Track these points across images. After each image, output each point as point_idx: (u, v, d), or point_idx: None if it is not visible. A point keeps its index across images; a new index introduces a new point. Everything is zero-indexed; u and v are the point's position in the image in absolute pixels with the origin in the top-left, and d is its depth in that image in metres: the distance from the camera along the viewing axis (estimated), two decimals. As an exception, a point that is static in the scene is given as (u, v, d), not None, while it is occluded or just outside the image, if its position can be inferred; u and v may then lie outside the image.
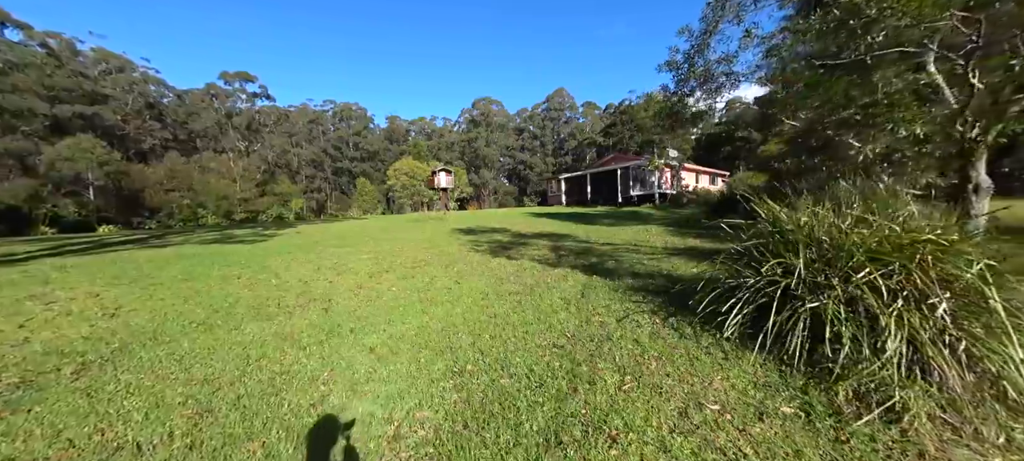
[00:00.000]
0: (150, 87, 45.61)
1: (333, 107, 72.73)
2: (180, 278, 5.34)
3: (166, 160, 40.41)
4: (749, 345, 2.16)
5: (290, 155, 56.73)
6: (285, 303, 4.17)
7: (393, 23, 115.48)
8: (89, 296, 4.39)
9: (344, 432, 1.82)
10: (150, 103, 45.11)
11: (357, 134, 69.99)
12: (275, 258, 7.03)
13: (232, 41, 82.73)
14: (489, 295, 4.15)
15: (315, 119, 69.47)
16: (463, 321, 3.32)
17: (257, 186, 41.79)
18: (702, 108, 5.13)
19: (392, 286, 4.78)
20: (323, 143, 66.26)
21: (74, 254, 7.86)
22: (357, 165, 66.64)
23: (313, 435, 1.81)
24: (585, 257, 6.03)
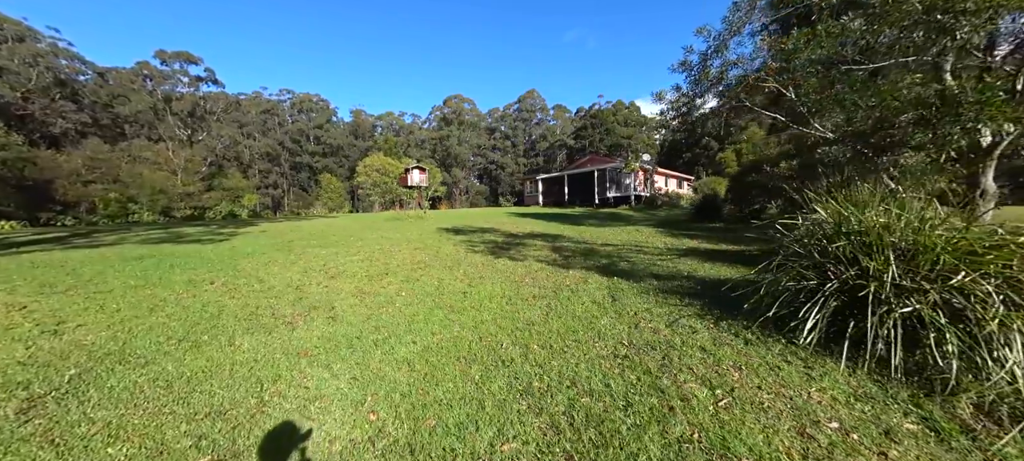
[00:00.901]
0: (61, 61, 39.41)
1: (291, 97, 67.79)
2: (134, 284, 4.50)
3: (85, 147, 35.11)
4: (826, 352, 2.13)
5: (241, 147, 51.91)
6: (280, 311, 3.62)
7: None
8: (11, 308, 3.53)
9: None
10: (61, 80, 38.96)
11: (319, 127, 65.77)
12: (248, 260, 6.22)
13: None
14: (512, 299, 3.90)
15: (270, 109, 64.28)
16: (499, 329, 3.05)
17: (203, 180, 37.72)
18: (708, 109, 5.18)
19: (399, 290, 4.37)
20: (280, 135, 61.49)
21: (-23, 256, 6.42)
22: (318, 160, 62.59)
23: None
24: (592, 258, 5.96)
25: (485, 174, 69.44)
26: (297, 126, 64.58)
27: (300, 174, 62.81)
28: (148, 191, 31.29)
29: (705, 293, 3.58)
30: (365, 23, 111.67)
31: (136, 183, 31.42)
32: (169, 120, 41.66)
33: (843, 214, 2.29)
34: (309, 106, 68.34)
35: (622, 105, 61.95)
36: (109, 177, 31.99)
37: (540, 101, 74.73)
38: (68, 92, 39.96)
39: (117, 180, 31.83)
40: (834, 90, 4.09)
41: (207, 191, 36.60)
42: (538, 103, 74.69)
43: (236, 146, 50.49)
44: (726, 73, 4.74)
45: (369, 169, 27.56)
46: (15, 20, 35.91)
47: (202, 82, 44.20)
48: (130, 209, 27.92)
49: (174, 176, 35.80)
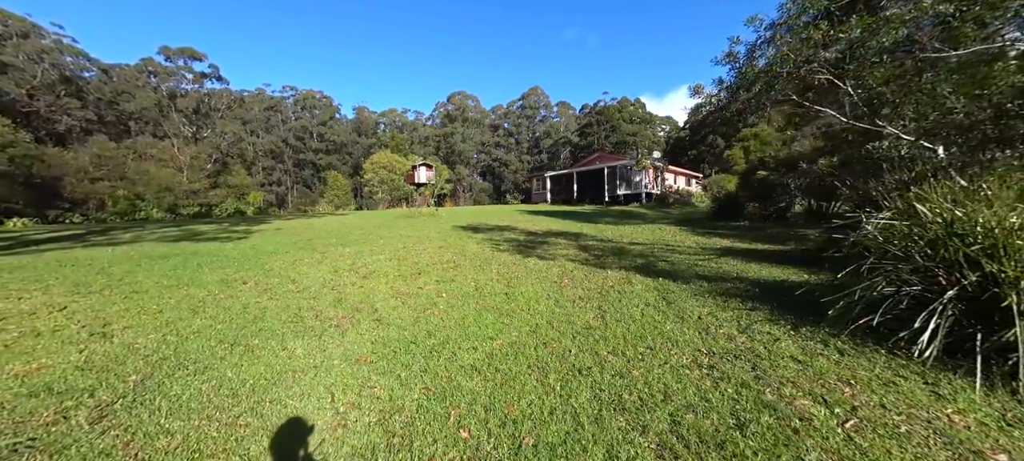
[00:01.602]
0: (66, 58, 39.34)
1: (294, 94, 67.64)
2: (168, 284, 4.40)
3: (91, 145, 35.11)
4: (944, 367, 1.99)
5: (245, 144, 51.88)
6: (324, 313, 3.51)
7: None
8: (53, 309, 3.43)
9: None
10: (66, 77, 38.90)
11: (322, 124, 65.70)
12: (273, 259, 6.12)
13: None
14: (559, 301, 3.78)
15: (273, 106, 64.17)
16: (559, 334, 2.93)
17: (208, 177, 37.69)
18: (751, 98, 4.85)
19: (437, 291, 4.25)
20: (283, 132, 61.40)
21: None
22: (322, 157, 62.56)
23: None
24: (625, 258, 5.83)
25: (488, 171, 69.21)
26: (300, 123, 64.50)
27: (303, 171, 62.78)
28: (155, 188, 31.32)
29: (766, 296, 3.45)
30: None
31: (143, 180, 31.45)
32: (174, 117, 41.62)
33: (958, 213, 2.12)
34: (312, 103, 68.23)
35: (627, 102, 61.52)
36: (116, 174, 32.03)
37: (544, 98, 74.28)
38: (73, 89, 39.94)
39: (124, 177, 31.87)
40: (923, 79, 3.85)
41: (212, 188, 36.61)
42: (542, 100, 74.25)
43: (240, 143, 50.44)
44: (776, 66, 4.53)
45: (376, 166, 27.43)
46: (19, 16, 35.85)
47: (206, 79, 44.11)
48: (137, 206, 27.93)
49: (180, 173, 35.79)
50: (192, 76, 42.98)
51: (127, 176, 31.74)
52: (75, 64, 41.08)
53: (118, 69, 42.93)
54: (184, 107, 41.88)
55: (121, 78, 42.89)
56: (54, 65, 38.76)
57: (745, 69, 4.93)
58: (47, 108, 38.29)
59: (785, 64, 4.43)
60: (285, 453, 1.67)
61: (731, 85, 5.23)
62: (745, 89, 4.95)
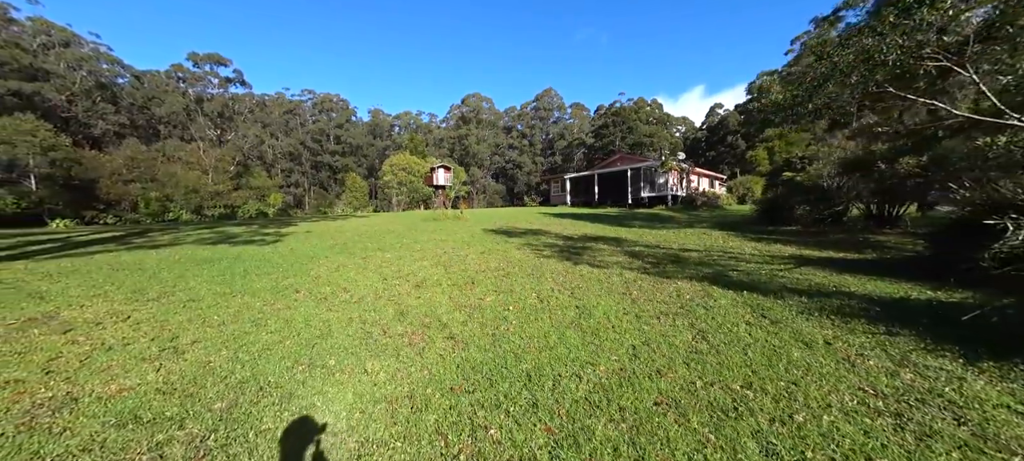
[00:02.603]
0: (102, 65, 41.08)
1: (312, 98, 69.14)
2: (221, 292, 4.26)
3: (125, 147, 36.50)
4: None
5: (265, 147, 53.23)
6: (391, 328, 3.28)
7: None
8: (116, 319, 3.30)
9: None
10: (102, 83, 40.61)
11: (339, 127, 66.90)
12: (315, 264, 5.98)
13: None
14: (644, 318, 3.44)
15: (292, 109, 65.72)
16: (667, 360, 2.59)
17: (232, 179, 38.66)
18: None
19: (501, 304, 3.97)
20: (301, 135, 62.79)
21: (45, 256, 6.40)
22: (338, 159, 63.69)
23: None
24: (687, 266, 5.44)
25: (501, 173, 69.11)
26: (318, 126, 65.84)
27: (320, 173, 64.01)
28: (182, 190, 32.31)
29: (893, 317, 3.02)
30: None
31: (172, 182, 32.47)
32: (200, 120, 42.93)
33: None
34: (330, 106, 69.57)
35: (644, 102, 60.50)
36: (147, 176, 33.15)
37: (557, 99, 73.79)
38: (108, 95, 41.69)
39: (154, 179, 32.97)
40: None
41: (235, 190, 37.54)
42: (555, 101, 73.77)
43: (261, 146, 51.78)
44: (878, 53, 3.98)
45: (395, 168, 27.55)
46: (61, 26, 37.63)
47: (231, 83, 45.36)
48: (168, 208, 28.80)
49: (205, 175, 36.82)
50: (218, 81, 44.27)
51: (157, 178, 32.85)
52: (110, 71, 42.88)
53: (149, 75, 44.63)
54: (210, 111, 43.16)
55: (152, 84, 44.56)
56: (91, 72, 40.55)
57: (835, 57, 4.42)
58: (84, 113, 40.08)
59: (891, 51, 3.95)
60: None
61: (811, 78, 4.74)
62: (836, 82, 4.46)
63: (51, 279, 4.67)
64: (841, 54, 4.33)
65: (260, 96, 56.49)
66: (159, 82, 44.38)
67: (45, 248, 7.58)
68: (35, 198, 26.55)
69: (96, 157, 32.71)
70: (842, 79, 4.36)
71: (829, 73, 4.46)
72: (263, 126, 54.81)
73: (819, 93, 4.72)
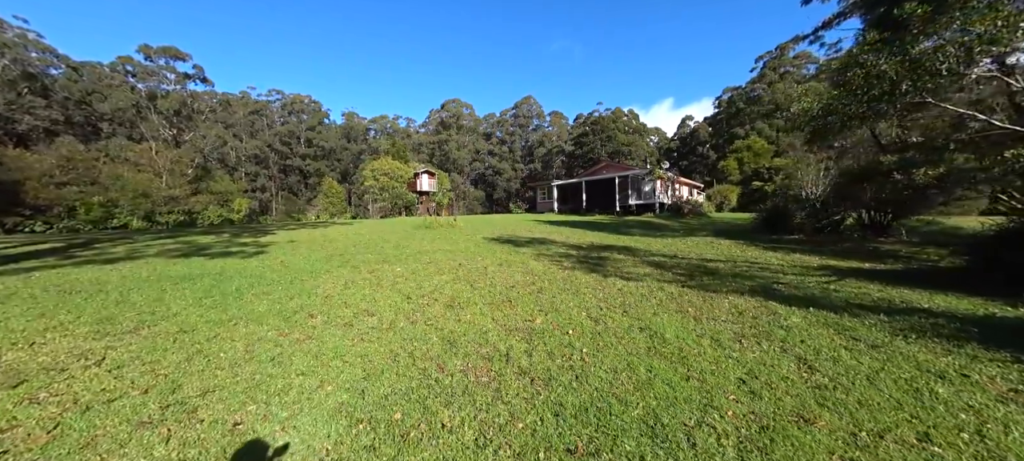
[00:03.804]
0: (31, 53, 36.69)
1: (281, 98, 65.59)
2: (216, 319, 3.53)
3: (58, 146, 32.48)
4: None
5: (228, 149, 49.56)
6: (447, 363, 2.76)
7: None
8: (86, 361, 2.55)
9: None
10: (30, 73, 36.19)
11: (310, 129, 63.80)
12: (318, 281, 5.26)
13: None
14: (723, 343, 3.12)
15: (258, 110, 61.93)
16: (795, 400, 2.24)
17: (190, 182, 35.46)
18: None
19: (560, 328, 3.54)
20: (269, 137, 59.16)
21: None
22: (310, 163, 60.57)
23: None
24: (725, 279, 5.26)
25: (481, 179, 68.57)
26: (287, 128, 62.41)
27: (289, 177, 60.52)
28: (130, 194, 29.12)
29: (1002, 340, 2.85)
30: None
31: (117, 186, 29.20)
32: (153, 119, 39.18)
33: None
34: (300, 107, 66.28)
35: (621, 112, 62.48)
36: (86, 179, 29.63)
37: (537, 107, 74.64)
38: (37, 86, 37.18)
39: (95, 182, 29.52)
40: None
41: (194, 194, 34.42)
42: (535, 109, 74.57)
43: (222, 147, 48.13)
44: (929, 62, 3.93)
45: (377, 173, 26.35)
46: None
47: (190, 80, 41.90)
48: (113, 214, 25.78)
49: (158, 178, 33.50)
50: (174, 77, 40.72)
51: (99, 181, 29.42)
52: (41, 60, 38.37)
53: (90, 67, 40.26)
54: (165, 109, 39.52)
55: (93, 76, 40.20)
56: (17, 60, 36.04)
57: (883, 65, 4.40)
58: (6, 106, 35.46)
59: (945, 60, 3.97)
60: None
61: (855, 85, 4.72)
62: (885, 90, 4.42)
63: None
64: (889, 62, 4.35)
65: (223, 95, 52.63)
66: (101, 75, 40.09)
67: (-35, 264, 6.24)
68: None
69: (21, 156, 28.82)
70: (891, 87, 4.38)
71: (871, 82, 4.49)
72: (226, 126, 51.05)
73: (859, 101, 4.75)
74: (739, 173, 41.84)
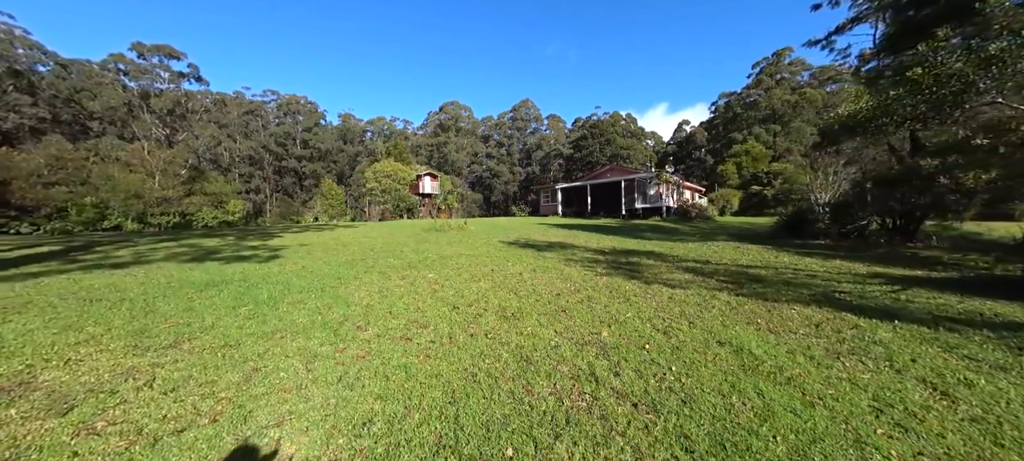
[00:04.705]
0: (17, 49, 35.65)
1: (276, 98, 64.69)
2: (257, 331, 3.24)
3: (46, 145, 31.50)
4: None
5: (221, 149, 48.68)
6: (536, 387, 2.51)
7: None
8: (134, 381, 2.26)
9: None
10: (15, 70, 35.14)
11: (307, 130, 63.03)
12: (347, 286, 4.99)
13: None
14: (819, 360, 2.90)
15: (253, 110, 60.96)
16: (972, 442, 2.05)
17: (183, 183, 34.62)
18: None
19: (635, 343, 3.31)
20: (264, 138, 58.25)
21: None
22: (306, 165, 59.78)
23: None
24: (778, 288, 5.08)
25: (478, 182, 68.30)
26: (283, 129, 61.56)
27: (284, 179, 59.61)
28: (122, 195, 28.31)
29: None
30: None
31: (108, 186, 28.36)
32: (145, 118, 38.27)
33: None
34: (296, 108, 65.46)
35: (619, 116, 62.89)
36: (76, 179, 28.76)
37: (534, 110, 74.76)
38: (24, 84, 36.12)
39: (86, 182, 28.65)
40: None
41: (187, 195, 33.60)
42: (532, 112, 74.67)
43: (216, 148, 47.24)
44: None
45: (379, 175, 25.95)
46: (-35, 3, 32.18)
47: (184, 79, 41.07)
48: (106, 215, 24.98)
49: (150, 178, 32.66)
50: (168, 75, 39.86)
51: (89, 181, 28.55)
52: (28, 57, 37.32)
53: (79, 64, 39.20)
54: (158, 108, 38.63)
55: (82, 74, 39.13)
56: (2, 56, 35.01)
57: (948, 65, 4.27)
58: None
59: (1018, 59, 3.87)
60: None
61: (921, 83, 4.59)
62: (954, 88, 4.27)
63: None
64: (948, 61, 4.26)
65: (218, 94, 51.71)
66: (91, 73, 39.05)
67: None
68: (-78, 203, 21.94)
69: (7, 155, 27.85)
70: (963, 86, 4.27)
71: (942, 80, 4.37)
72: (220, 126, 50.13)
73: (925, 100, 4.63)
74: (738, 177, 42.23)
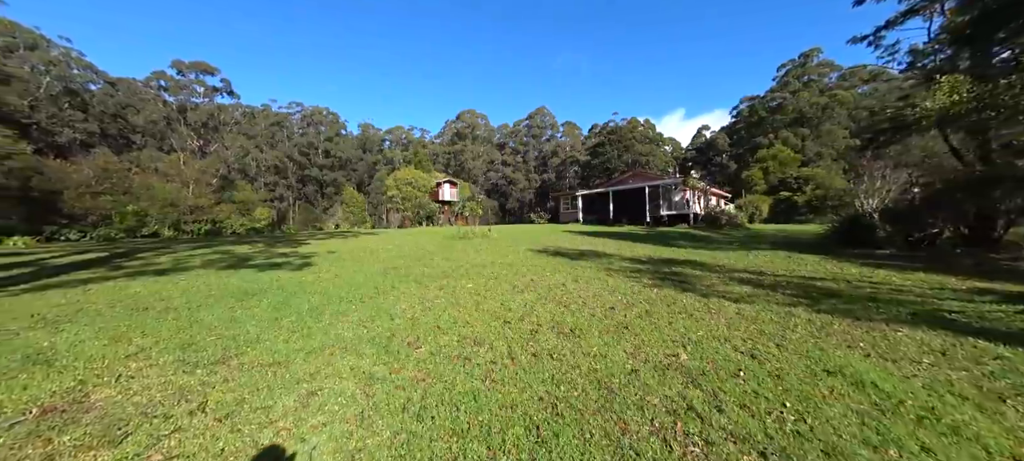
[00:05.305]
0: (73, 70, 38.35)
1: (301, 110, 67.09)
2: (304, 346, 3.02)
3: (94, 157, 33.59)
4: None
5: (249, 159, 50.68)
6: (630, 424, 2.16)
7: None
8: (186, 403, 2.05)
9: None
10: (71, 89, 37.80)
11: (328, 140, 65.02)
12: (386, 297, 4.77)
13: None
14: (975, 400, 2.44)
15: (279, 121, 63.40)
16: None
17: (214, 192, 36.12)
18: None
19: (726, 371, 2.92)
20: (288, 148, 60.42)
21: (21, 287, 4.88)
22: (326, 173, 61.53)
23: None
24: (855, 303, 4.55)
25: (494, 189, 68.43)
26: (306, 138, 63.70)
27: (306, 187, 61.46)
28: (159, 203, 29.79)
29: None
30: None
31: (147, 195, 29.92)
32: (182, 130, 40.36)
33: None
34: (319, 119, 67.74)
35: (637, 122, 61.92)
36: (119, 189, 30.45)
37: (550, 118, 74.63)
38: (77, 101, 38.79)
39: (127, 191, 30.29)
40: None
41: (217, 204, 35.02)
42: (548, 120, 74.57)
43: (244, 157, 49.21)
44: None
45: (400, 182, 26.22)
46: (28, 28, 35.06)
47: (217, 93, 43.19)
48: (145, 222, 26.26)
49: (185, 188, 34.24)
50: (203, 90, 42.03)
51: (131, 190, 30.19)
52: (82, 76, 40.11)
53: (126, 82, 41.86)
54: (193, 121, 40.70)
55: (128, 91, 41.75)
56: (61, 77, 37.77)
57: None
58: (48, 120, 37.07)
59: None
60: None
61: None
62: None
63: (48, 326, 3.29)
64: None
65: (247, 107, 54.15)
66: (136, 89, 41.63)
67: (15, 275, 5.97)
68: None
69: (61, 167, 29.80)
70: None
71: None
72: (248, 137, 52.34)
73: None
74: (765, 183, 40.55)
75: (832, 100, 43.52)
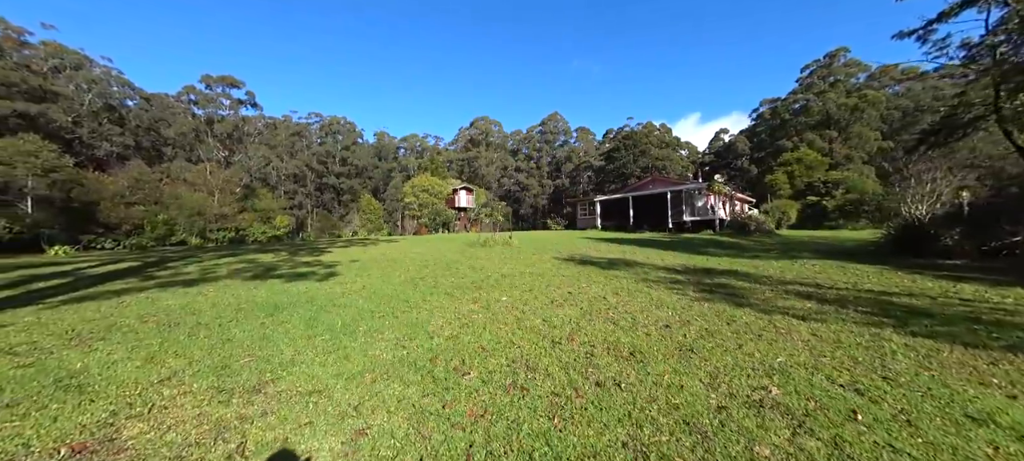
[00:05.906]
0: (112, 87, 40.52)
1: (319, 120, 68.95)
2: (341, 371, 2.74)
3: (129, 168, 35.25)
4: None
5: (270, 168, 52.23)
6: None
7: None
8: (226, 446, 1.78)
9: None
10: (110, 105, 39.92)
11: (346, 149, 66.48)
12: (418, 312, 4.49)
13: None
14: None
15: (299, 131, 65.27)
16: None
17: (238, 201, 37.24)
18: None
19: (837, 409, 2.49)
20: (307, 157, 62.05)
21: (57, 298, 4.84)
22: (344, 181, 62.76)
23: None
24: (957, 324, 4.00)
25: (507, 195, 68.33)
26: (324, 148, 65.32)
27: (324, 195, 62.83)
28: (187, 212, 30.87)
29: None
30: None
31: (176, 204, 31.07)
32: (209, 141, 41.97)
33: None
34: (337, 128, 69.46)
35: (653, 126, 60.89)
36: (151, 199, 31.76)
37: (563, 123, 74.32)
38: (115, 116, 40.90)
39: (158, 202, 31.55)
40: None
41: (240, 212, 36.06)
42: (561, 125, 74.27)
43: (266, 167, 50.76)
44: None
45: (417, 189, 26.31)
46: (74, 50, 37.37)
47: (242, 105, 44.84)
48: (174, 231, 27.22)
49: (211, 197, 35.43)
50: (229, 102, 43.73)
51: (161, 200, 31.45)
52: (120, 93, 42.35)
53: (159, 97, 44.00)
54: (220, 132, 42.30)
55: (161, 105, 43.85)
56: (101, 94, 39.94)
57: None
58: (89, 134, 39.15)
59: None
60: None
61: None
62: None
63: (82, 343, 3.14)
64: None
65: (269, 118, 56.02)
66: (168, 104, 43.68)
67: (53, 286, 6.00)
68: (29, 221, 24.85)
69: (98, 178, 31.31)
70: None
71: None
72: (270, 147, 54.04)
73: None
74: (790, 187, 38.90)
75: (862, 101, 41.61)
